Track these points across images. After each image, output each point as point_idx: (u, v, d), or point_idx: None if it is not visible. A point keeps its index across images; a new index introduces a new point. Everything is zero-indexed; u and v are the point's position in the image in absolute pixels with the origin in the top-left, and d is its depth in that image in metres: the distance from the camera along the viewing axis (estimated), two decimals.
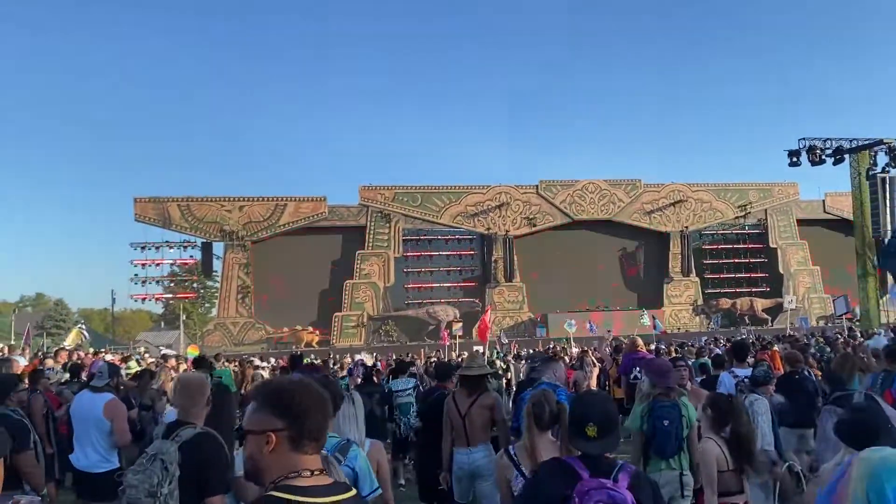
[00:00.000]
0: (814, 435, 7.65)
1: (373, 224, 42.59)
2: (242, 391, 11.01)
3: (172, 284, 46.99)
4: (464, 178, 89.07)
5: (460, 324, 38.00)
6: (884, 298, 34.87)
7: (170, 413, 5.44)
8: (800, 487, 4.78)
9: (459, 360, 15.16)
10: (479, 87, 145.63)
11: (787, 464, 5.02)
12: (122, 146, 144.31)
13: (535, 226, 44.37)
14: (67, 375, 9.30)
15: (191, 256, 42.46)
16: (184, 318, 44.89)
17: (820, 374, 9.24)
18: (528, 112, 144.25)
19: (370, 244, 42.38)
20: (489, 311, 21.13)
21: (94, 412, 5.31)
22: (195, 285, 50.03)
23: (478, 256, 45.00)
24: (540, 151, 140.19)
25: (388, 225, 42.74)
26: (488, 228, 43.80)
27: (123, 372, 12.73)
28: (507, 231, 43.71)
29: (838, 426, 3.05)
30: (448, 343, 24.24)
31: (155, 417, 7.61)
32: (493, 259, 43.70)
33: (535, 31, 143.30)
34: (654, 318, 32.31)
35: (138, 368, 11.10)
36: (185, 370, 11.23)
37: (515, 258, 43.56)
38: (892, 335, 18.20)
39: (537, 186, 45.02)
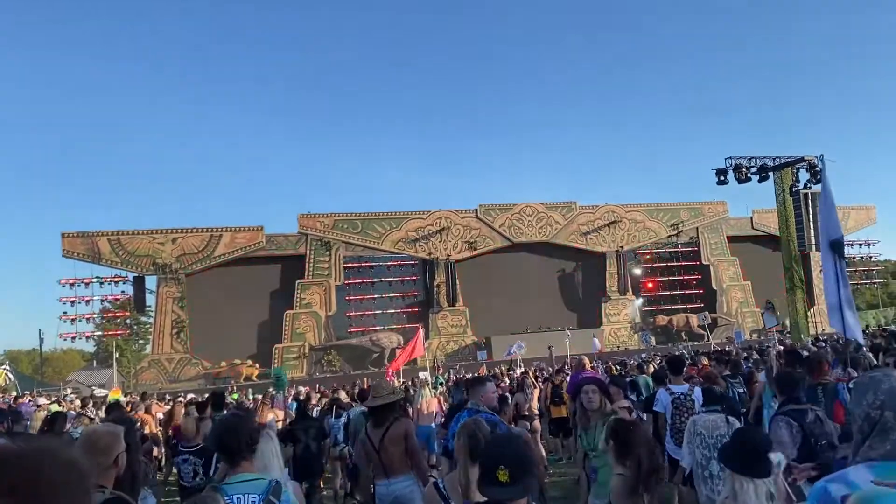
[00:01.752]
0: None
1: (312, 252, 42.03)
2: (170, 431, 10.55)
3: (104, 321, 45.25)
4: (403, 205, 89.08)
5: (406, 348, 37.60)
6: (812, 310, 36.34)
7: None
8: None
9: (402, 387, 14.98)
10: (415, 113, 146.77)
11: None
12: (46, 181, 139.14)
13: (475, 249, 44.64)
14: None
15: (122, 292, 40.88)
16: (117, 356, 43.04)
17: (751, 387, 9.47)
18: (465, 136, 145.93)
19: (310, 273, 41.78)
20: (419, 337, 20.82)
21: None
22: (128, 321, 48.25)
23: (420, 282, 44.89)
24: (478, 176, 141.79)
25: (328, 253, 42.26)
26: (430, 253, 43.82)
27: (43, 415, 12.12)
28: (448, 255, 43.82)
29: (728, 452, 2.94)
30: (392, 375, 23.88)
31: None
32: (435, 284, 43.67)
33: (466, 58, 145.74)
34: (593, 336, 32.80)
35: (55, 411, 10.51)
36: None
37: (458, 282, 43.67)
38: (821, 345, 18.89)
39: (476, 210, 45.39)
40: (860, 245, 53.37)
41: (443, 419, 9.59)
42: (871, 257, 54.04)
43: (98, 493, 2.89)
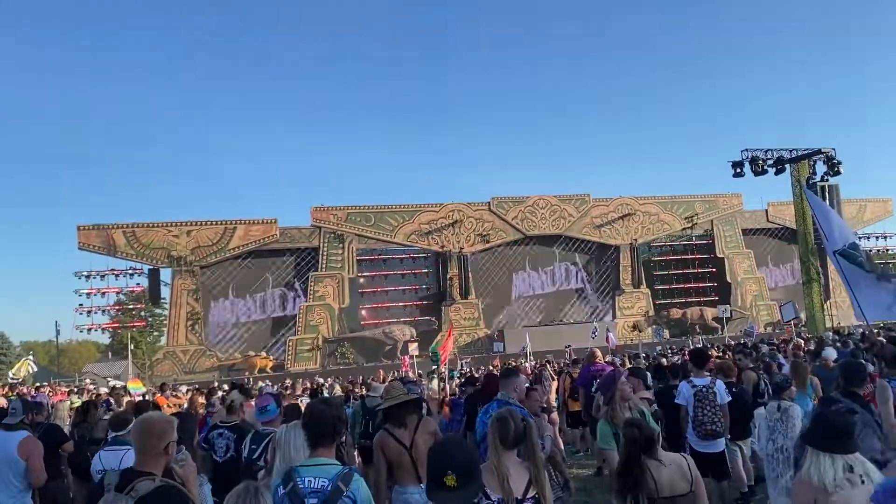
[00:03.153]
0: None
1: (326, 245, 42.14)
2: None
3: (119, 313, 45.64)
4: (416, 198, 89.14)
5: (416, 343, 37.72)
6: (827, 303, 36.03)
7: (108, 451, 5.14)
8: None
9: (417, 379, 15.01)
10: (429, 107, 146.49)
11: None
12: (63, 173, 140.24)
13: (488, 242, 44.59)
14: None
15: (137, 284, 41.23)
16: (132, 347, 43.36)
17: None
18: (477, 130, 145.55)
19: (324, 266, 41.91)
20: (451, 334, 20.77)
21: (8, 451, 5.01)
22: (143, 313, 48.65)
23: (433, 274, 44.91)
24: (491, 169, 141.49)
25: (341, 246, 42.35)
26: (442, 246, 43.82)
27: (68, 405, 12.26)
28: (461, 248, 43.81)
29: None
30: (408, 367, 23.99)
31: None
32: (448, 276, 43.68)
33: (485, 50, 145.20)
34: (607, 330, 32.66)
35: (79, 402, 10.61)
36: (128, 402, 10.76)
37: (470, 275, 43.66)
38: (838, 344, 18.72)
39: (489, 203, 45.31)
40: (877, 238, 52.84)
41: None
42: (887, 250, 53.49)
43: (147, 481, 2.89)
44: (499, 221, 45.09)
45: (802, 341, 15.30)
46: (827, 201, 33.90)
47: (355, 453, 8.02)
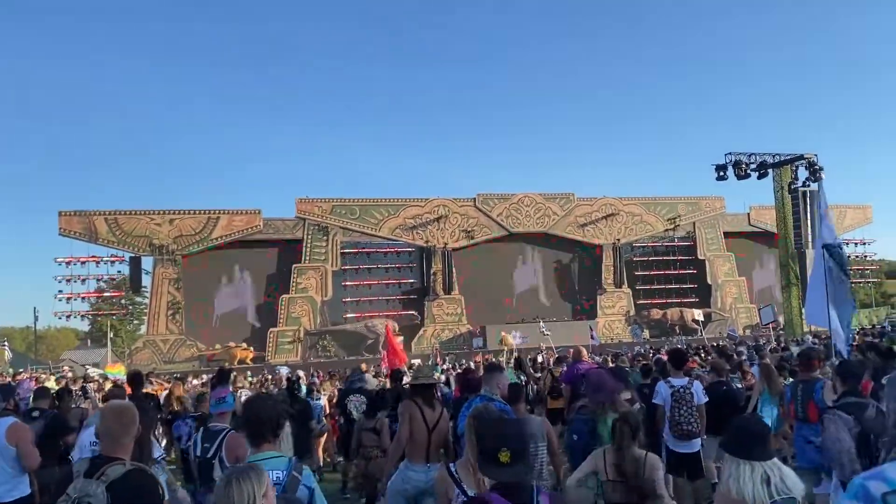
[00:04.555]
0: None
1: (310, 237, 42.01)
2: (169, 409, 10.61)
3: (99, 301, 45.20)
4: (402, 192, 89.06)
5: (400, 337, 37.73)
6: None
7: (84, 438, 5.18)
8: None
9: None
10: (418, 102, 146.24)
11: None
12: (44, 158, 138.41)
13: (472, 238, 44.67)
14: None
15: (118, 272, 40.88)
16: (111, 335, 43.06)
17: (753, 380, 9.62)
18: (463, 126, 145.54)
19: (307, 258, 41.78)
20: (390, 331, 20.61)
21: None
22: (123, 301, 48.24)
23: (417, 269, 44.93)
24: (477, 165, 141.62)
25: (325, 238, 42.23)
26: (427, 241, 43.83)
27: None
28: (445, 244, 43.85)
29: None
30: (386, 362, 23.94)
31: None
32: (431, 272, 43.72)
33: (465, 48, 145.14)
34: (591, 329, 32.81)
35: (55, 388, 10.55)
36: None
37: (454, 271, 43.72)
38: (815, 341, 19.03)
39: (475, 199, 45.39)
40: (856, 244, 53.51)
41: None
42: (865, 256, 54.23)
43: (118, 466, 2.94)
44: (484, 218, 45.19)
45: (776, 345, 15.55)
46: (808, 207, 34.51)
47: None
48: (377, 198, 44.27)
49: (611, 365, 16.57)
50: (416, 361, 19.20)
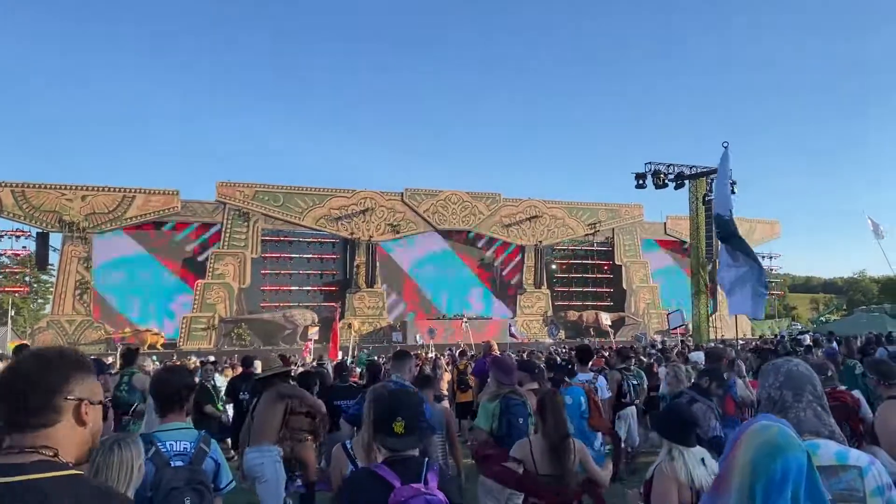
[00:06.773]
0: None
1: (230, 222, 41.07)
2: None
3: (1, 277, 42.99)
4: (327, 182, 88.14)
5: (317, 328, 37.40)
6: (713, 316, 38.18)
7: None
8: None
9: (314, 365, 15.16)
10: (346, 91, 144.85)
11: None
12: None
13: (398, 233, 44.70)
14: None
15: (24, 247, 38.93)
16: (12, 313, 40.94)
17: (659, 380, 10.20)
18: (393, 120, 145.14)
19: (226, 243, 40.84)
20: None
21: None
22: (27, 278, 45.95)
23: (339, 261, 44.61)
24: (407, 160, 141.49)
25: (246, 224, 41.37)
26: (352, 233, 43.58)
27: None
28: (370, 237, 43.70)
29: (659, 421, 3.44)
30: (308, 352, 23.81)
31: None
32: (355, 264, 43.50)
33: (401, 37, 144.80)
34: (510, 326, 33.42)
35: None
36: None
37: (377, 264, 43.65)
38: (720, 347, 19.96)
39: (402, 194, 45.40)
40: (763, 258, 56.33)
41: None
42: (772, 270, 57.15)
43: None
44: (410, 213, 45.27)
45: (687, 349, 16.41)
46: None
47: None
48: (302, 186, 43.68)
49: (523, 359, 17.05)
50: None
